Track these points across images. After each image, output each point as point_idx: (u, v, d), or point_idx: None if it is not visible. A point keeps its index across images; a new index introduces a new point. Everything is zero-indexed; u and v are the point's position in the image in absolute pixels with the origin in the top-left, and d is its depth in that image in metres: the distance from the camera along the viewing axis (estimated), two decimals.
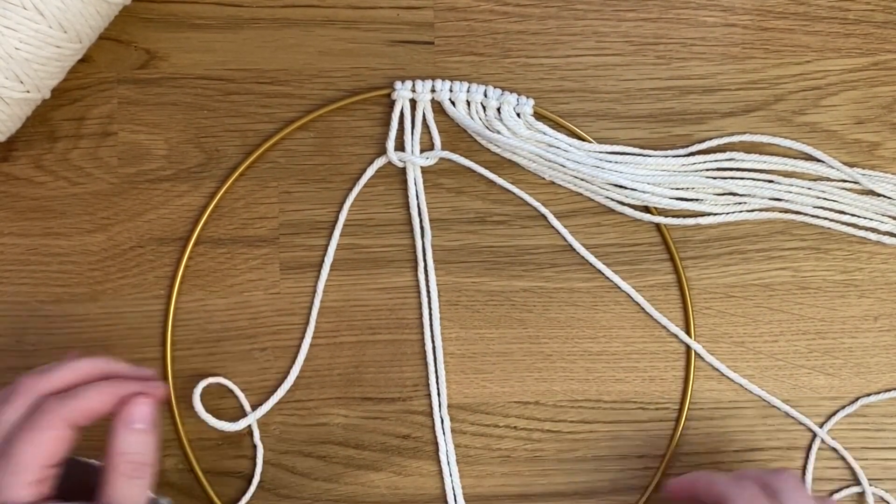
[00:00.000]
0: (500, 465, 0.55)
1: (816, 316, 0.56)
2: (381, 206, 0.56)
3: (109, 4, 0.51)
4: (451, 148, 0.56)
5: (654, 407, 0.55)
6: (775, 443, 0.55)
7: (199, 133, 0.55)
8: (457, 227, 0.56)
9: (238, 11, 0.56)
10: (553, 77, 0.56)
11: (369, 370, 0.55)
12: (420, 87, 0.55)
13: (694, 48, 0.57)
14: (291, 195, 0.55)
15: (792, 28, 0.57)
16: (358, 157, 0.56)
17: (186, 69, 0.55)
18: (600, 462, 0.55)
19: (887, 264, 0.56)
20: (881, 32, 0.57)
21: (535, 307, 0.55)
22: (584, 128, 0.56)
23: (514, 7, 0.56)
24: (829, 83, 0.57)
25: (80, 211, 0.55)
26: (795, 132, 0.57)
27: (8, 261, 0.55)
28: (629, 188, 0.55)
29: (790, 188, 0.56)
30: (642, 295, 0.56)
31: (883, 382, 0.56)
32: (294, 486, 0.54)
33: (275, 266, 0.55)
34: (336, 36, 0.56)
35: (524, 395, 0.55)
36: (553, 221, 0.55)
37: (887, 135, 0.57)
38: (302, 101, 0.56)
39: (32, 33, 0.48)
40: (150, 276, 0.55)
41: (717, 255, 0.56)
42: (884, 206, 0.56)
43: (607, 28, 0.57)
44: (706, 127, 0.56)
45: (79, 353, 0.46)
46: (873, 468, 0.56)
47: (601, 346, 0.56)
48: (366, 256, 0.55)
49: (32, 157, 0.55)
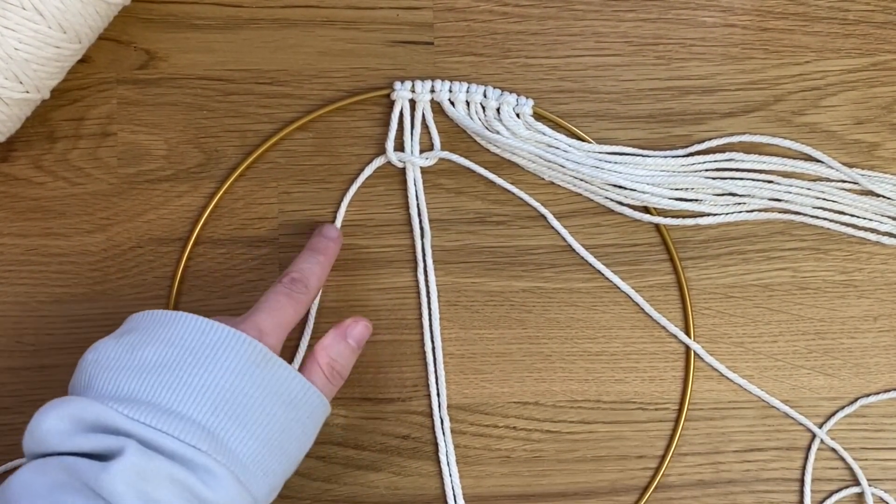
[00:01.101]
0: (499, 465, 0.55)
1: (816, 316, 0.56)
2: (380, 206, 0.56)
3: (109, 5, 0.51)
4: (451, 148, 0.56)
5: (654, 407, 0.55)
6: (775, 443, 0.55)
7: (199, 133, 0.55)
8: (456, 228, 0.56)
9: (238, 12, 0.56)
10: (552, 77, 0.56)
11: (369, 370, 0.55)
12: (419, 87, 0.55)
13: (694, 48, 0.57)
14: (291, 195, 0.55)
15: (792, 28, 0.57)
16: (357, 157, 0.56)
17: (186, 69, 0.55)
18: (600, 462, 0.55)
19: (887, 265, 0.56)
20: (881, 32, 0.57)
21: (535, 307, 0.55)
22: (583, 128, 0.56)
23: (513, 7, 0.56)
24: (828, 83, 0.57)
25: (80, 211, 0.55)
26: (795, 132, 0.56)
27: (7, 261, 0.55)
28: (629, 188, 0.55)
29: (790, 189, 0.56)
30: (642, 295, 0.56)
31: (882, 383, 0.56)
32: (293, 486, 0.54)
33: (275, 266, 0.55)
34: (336, 36, 0.56)
35: (524, 396, 0.55)
36: (553, 222, 0.55)
37: (887, 135, 0.57)
38: (302, 101, 0.56)
39: (32, 34, 0.48)
40: (149, 276, 0.55)
41: (717, 256, 0.56)
42: (883, 207, 0.56)
43: (607, 28, 0.57)
44: (706, 127, 0.56)
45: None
46: (873, 468, 0.56)
47: (601, 347, 0.56)
48: (365, 257, 0.55)
49: (32, 158, 0.55)
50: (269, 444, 0.43)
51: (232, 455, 0.42)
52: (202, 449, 0.41)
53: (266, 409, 0.43)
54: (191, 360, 0.43)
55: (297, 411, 0.45)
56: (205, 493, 0.41)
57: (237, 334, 0.43)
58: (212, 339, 0.43)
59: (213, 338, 0.43)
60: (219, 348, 0.43)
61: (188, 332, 0.44)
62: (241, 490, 0.42)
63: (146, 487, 0.40)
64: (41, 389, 0.54)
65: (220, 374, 0.43)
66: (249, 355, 0.43)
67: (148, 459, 0.40)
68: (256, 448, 0.43)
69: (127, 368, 0.43)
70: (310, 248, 0.51)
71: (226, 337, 0.43)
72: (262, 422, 0.43)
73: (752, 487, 0.55)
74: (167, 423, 0.41)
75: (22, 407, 0.54)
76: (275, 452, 0.44)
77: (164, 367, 0.43)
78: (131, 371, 0.43)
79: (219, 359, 0.43)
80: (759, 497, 0.55)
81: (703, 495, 0.55)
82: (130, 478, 0.39)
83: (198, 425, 0.41)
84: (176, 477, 0.40)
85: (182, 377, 0.42)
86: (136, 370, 0.43)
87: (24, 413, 0.54)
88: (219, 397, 0.42)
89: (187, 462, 0.41)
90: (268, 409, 0.43)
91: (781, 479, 0.55)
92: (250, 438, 0.43)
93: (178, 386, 0.42)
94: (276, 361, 0.44)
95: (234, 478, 0.42)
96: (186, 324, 0.44)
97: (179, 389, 0.42)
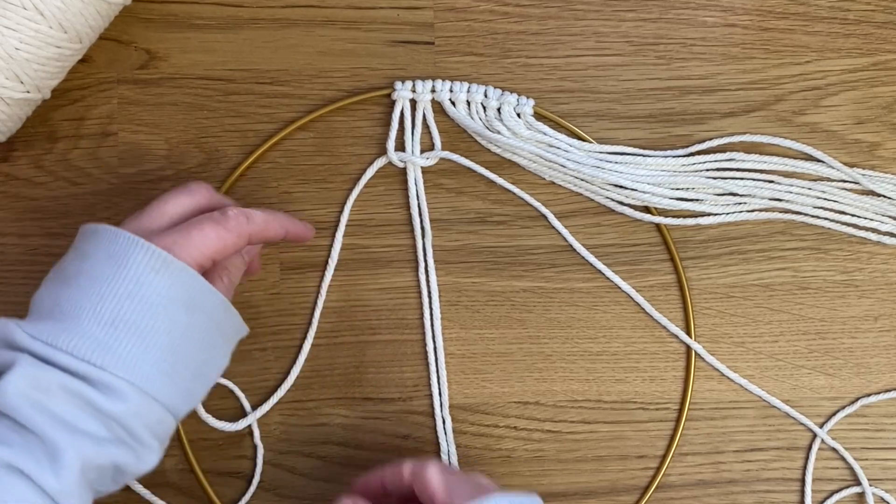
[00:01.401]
0: (500, 465, 0.55)
1: (816, 316, 0.56)
2: (381, 206, 0.56)
3: (109, 4, 0.51)
4: (452, 148, 0.56)
5: (655, 407, 0.55)
6: (775, 443, 0.56)
7: (199, 133, 0.55)
8: (457, 228, 0.56)
9: (238, 11, 0.56)
10: (553, 77, 0.56)
11: (370, 370, 0.55)
12: (420, 87, 0.55)
13: (694, 48, 0.57)
14: (291, 195, 0.55)
15: (792, 28, 0.57)
16: (358, 157, 0.56)
17: (186, 69, 0.55)
18: (600, 462, 0.55)
19: (887, 265, 0.56)
20: (881, 32, 0.57)
21: (536, 307, 0.55)
22: (584, 128, 0.56)
23: (514, 7, 0.56)
24: (829, 83, 0.57)
25: (80, 211, 0.55)
26: (795, 132, 0.57)
27: (8, 261, 0.55)
28: (629, 188, 0.55)
29: (790, 188, 0.56)
30: (642, 295, 0.56)
31: (883, 382, 0.56)
32: (294, 486, 0.54)
33: (275, 266, 0.55)
34: (336, 36, 0.56)
35: (524, 396, 0.55)
36: (553, 221, 0.55)
37: (887, 135, 0.57)
38: (302, 101, 0.56)
39: (32, 33, 0.48)
40: None
41: (717, 256, 0.56)
42: (884, 207, 0.56)
43: (607, 28, 0.57)
44: (706, 127, 0.56)
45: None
46: (873, 468, 0.56)
47: (601, 347, 0.56)
48: (366, 256, 0.55)
49: (32, 158, 0.55)
50: (173, 350, 0.43)
51: (131, 367, 0.42)
52: (96, 364, 0.41)
53: (167, 315, 0.43)
54: (98, 271, 0.43)
55: (197, 314, 0.44)
56: (104, 405, 0.41)
57: (137, 240, 0.43)
58: (116, 249, 0.43)
59: (118, 247, 0.43)
60: (121, 257, 0.43)
61: (101, 243, 0.44)
62: (145, 399, 0.42)
63: (40, 398, 0.40)
64: None
65: (121, 283, 0.43)
66: (148, 261, 0.43)
67: (41, 371, 0.40)
68: (158, 356, 0.43)
69: (48, 281, 0.44)
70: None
71: (128, 244, 0.43)
72: (163, 328, 0.43)
73: (752, 487, 0.55)
74: (62, 339, 0.41)
75: None
76: (181, 358, 0.44)
77: (74, 279, 0.43)
78: (50, 284, 0.44)
79: (120, 267, 0.43)
80: (759, 497, 0.55)
81: (704, 495, 0.55)
82: (23, 388, 0.40)
83: (94, 339, 0.42)
84: (70, 387, 0.41)
85: (87, 289, 0.43)
86: (53, 283, 0.44)
87: None
88: (117, 308, 0.42)
89: (83, 376, 0.41)
90: (169, 315, 0.43)
91: (782, 479, 0.55)
92: (151, 348, 0.43)
93: (80, 298, 0.42)
94: (176, 265, 0.43)
95: (135, 389, 0.42)
96: (102, 235, 0.44)
97: (80, 302, 0.42)
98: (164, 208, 0.46)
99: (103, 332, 0.42)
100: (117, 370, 0.41)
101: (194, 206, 0.46)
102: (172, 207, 0.46)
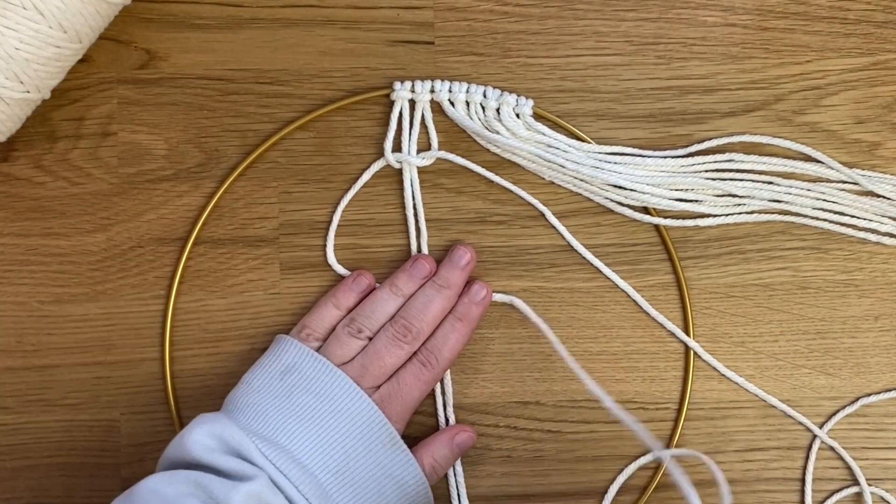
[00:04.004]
0: (500, 464, 0.55)
1: (816, 316, 0.56)
2: (380, 206, 0.56)
3: (109, 4, 0.51)
4: (451, 148, 0.56)
5: (654, 407, 0.55)
6: (775, 443, 0.55)
7: (199, 133, 0.55)
8: (457, 227, 0.56)
9: (238, 11, 0.56)
10: (553, 77, 0.56)
11: None
12: (419, 87, 0.55)
13: (694, 48, 0.57)
14: (291, 195, 0.55)
15: (792, 28, 0.57)
16: (358, 157, 0.56)
17: (186, 69, 0.55)
18: (600, 462, 0.55)
19: (887, 264, 0.56)
20: (881, 32, 0.57)
21: (535, 307, 0.55)
22: (583, 128, 0.56)
23: (514, 7, 0.56)
24: (829, 83, 0.57)
25: (80, 211, 0.55)
26: (795, 132, 0.56)
27: (8, 261, 0.55)
28: (628, 189, 0.55)
29: (790, 189, 0.56)
30: (642, 295, 0.56)
31: (883, 382, 0.56)
32: None
33: (275, 266, 0.55)
34: (336, 36, 0.56)
35: (524, 395, 0.55)
36: (553, 221, 0.55)
37: (887, 135, 0.57)
38: (302, 101, 0.56)
39: (32, 33, 0.48)
40: (149, 276, 0.55)
41: (717, 255, 0.56)
42: (884, 208, 0.56)
43: (607, 28, 0.57)
44: (706, 127, 0.56)
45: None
46: (873, 468, 0.56)
47: (601, 346, 0.56)
48: (366, 256, 0.55)
49: (32, 158, 0.55)
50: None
51: None
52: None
53: (380, 488, 0.48)
54: (333, 421, 0.48)
55: (405, 498, 0.49)
56: None
57: (378, 415, 0.49)
58: (356, 409, 0.49)
59: (357, 408, 0.49)
60: (358, 420, 0.48)
61: (341, 396, 0.49)
62: None
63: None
64: (41, 389, 0.54)
65: (353, 443, 0.48)
66: (380, 436, 0.49)
67: (272, 493, 0.45)
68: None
69: (278, 410, 0.48)
70: (454, 314, 0.53)
71: (367, 412, 0.49)
72: (373, 498, 0.48)
73: (752, 487, 0.55)
74: (293, 472, 0.46)
75: (22, 407, 0.54)
76: None
77: (309, 419, 0.48)
78: (281, 413, 0.48)
79: (355, 429, 0.48)
80: (759, 497, 0.55)
81: (704, 495, 0.55)
82: (252, 501, 0.44)
83: (318, 483, 0.47)
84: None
85: (320, 434, 0.48)
86: (286, 413, 0.48)
87: (25, 413, 0.54)
88: (343, 463, 0.47)
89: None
90: (381, 489, 0.49)
91: (782, 479, 0.55)
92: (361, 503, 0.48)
93: (313, 441, 0.47)
94: (401, 448, 0.49)
95: None
96: (344, 388, 0.49)
97: (314, 444, 0.47)
98: (384, 360, 0.51)
99: (327, 479, 0.47)
100: None
101: None
102: (389, 359, 0.51)
